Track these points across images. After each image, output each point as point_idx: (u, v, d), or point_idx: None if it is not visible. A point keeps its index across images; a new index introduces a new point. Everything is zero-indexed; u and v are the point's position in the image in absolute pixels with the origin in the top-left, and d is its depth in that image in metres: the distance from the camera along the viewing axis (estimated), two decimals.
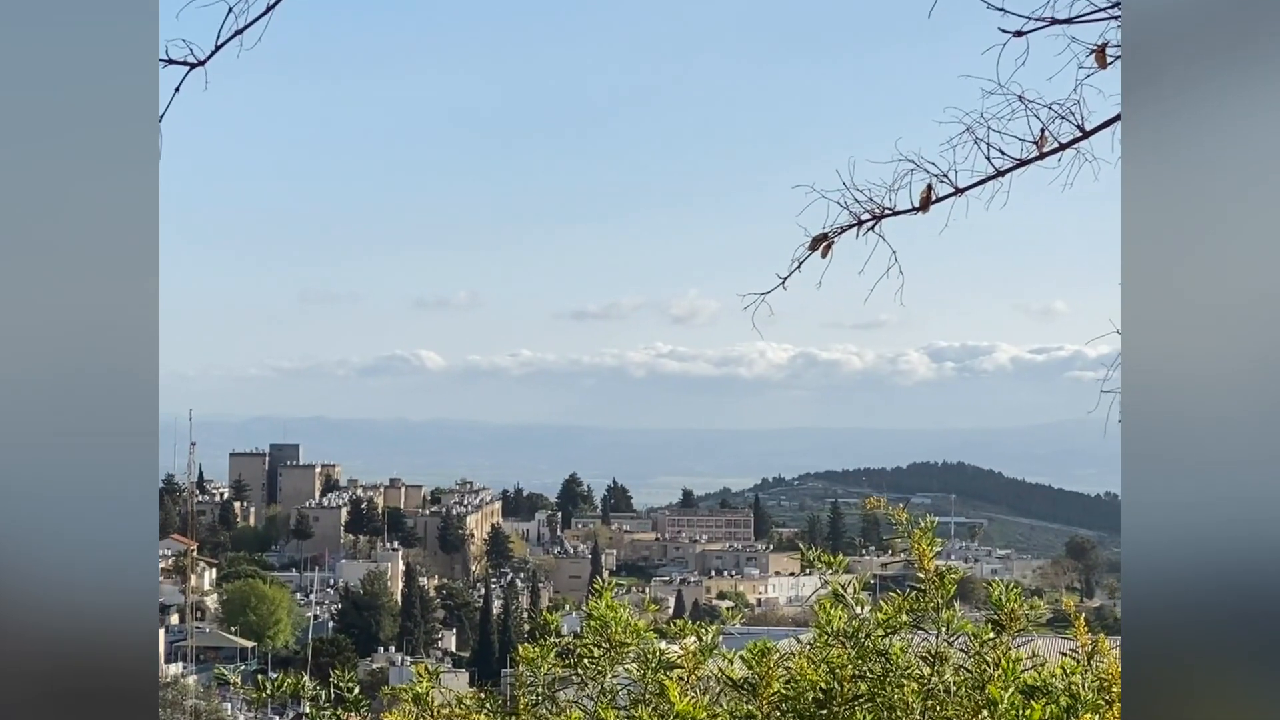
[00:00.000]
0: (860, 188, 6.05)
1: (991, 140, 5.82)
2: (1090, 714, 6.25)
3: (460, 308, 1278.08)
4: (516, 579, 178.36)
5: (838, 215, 6.06)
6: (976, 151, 5.85)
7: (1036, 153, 5.81)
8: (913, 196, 5.99)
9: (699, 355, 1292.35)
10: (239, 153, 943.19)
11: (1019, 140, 5.83)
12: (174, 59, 5.32)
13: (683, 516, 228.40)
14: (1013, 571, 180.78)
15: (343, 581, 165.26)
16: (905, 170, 5.96)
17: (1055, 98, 5.77)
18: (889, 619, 6.73)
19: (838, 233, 6.03)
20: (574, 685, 7.14)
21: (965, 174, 5.91)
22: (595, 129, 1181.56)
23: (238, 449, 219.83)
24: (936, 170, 5.93)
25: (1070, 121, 5.75)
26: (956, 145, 5.87)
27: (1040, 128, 5.78)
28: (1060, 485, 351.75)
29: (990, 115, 5.79)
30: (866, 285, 6.13)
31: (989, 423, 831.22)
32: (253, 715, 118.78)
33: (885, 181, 6.01)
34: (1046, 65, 5.69)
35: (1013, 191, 5.92)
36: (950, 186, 5.93)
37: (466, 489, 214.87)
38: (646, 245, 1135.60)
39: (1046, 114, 5.77)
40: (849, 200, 6.05)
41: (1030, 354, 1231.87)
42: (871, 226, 6.04)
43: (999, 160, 5.84)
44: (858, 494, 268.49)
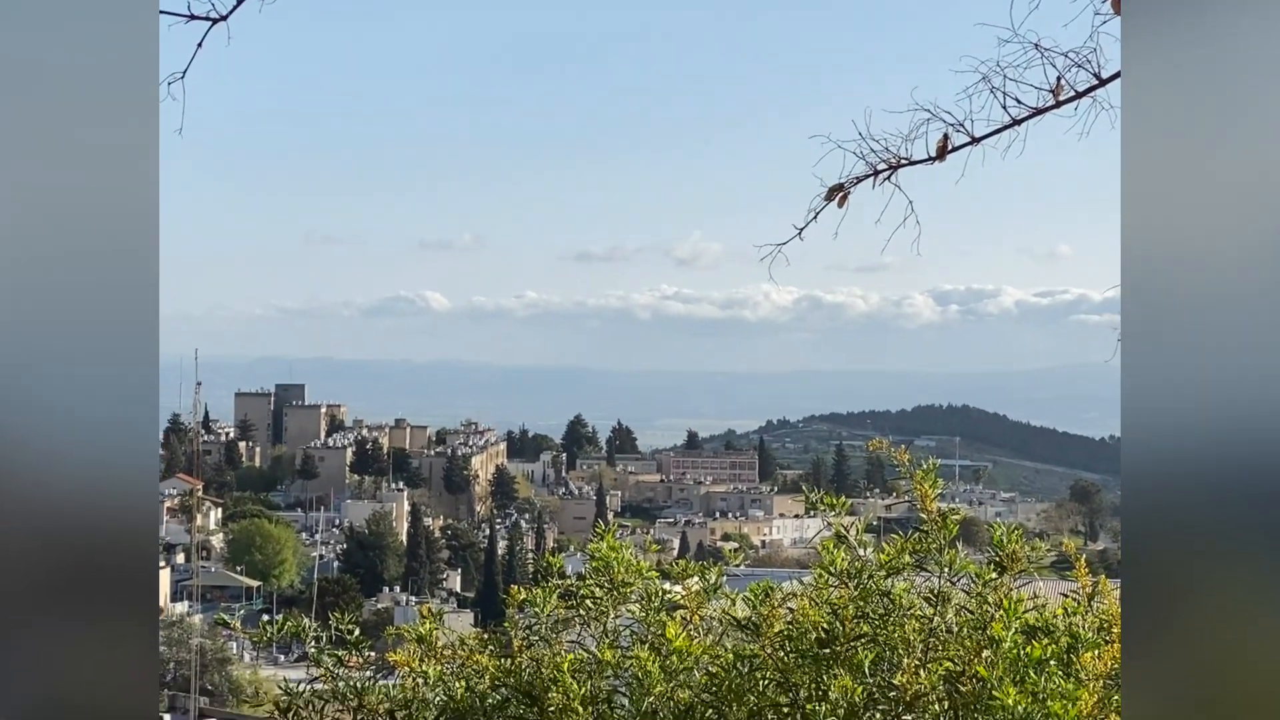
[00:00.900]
0: (876, 137, 6.03)
1: (1008, 89, 5.81)
2: (1090, 653, 6.27)
3: (464, 249, 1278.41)
4: (521, 520, 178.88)
5: (854, 165, 6.05)
6: (993, 100, 5.84)
7: (1053, 101, 5.79)
8: (929, 146, 5.98)
9: (703, 298, 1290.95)
10: (245, 95, 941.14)
11: (1035, 89, 5.81)
12: (196, 14, 5.31)
13: (687, 458, 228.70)
14: (1017, 514, 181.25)
15: (348, 521, 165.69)
16: (921, 120, 5.95)
17: (1071, 45, 5.74)
18: (891, 560, 6.75)
19: (854, 183, 6.03)
20: (576, 626, 7.17)
21: (981, 123, 5.90)
22: (602, 69, 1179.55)
23: (243, 389, 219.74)
24: (953, 119, 5.92)
25: (1087, 69, 5.74)
26: (973, 94, 5.87)
27: (1057, 76, 5.77)
28: (1065, 429, 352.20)
29: (1006, 64, 5.78)
30: (882, 233, 6.13)
31: (994, 366, 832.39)
32: (256, 654, 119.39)
33: (901, 131, 6.00)
34: (1062, 12, 5.65)
35: (1029, 140, 5.90)
36: (967, 136, 5.93)
37: (471, 430, 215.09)
38: (650, 188, 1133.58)
39: (1063, 62, 5.76)
40: (865, 150, 6.03)
41: (1035, 297, 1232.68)
42: (888, 176, 6.03)
43: (1015, 109, 5.84)
44: (862, 436, 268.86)
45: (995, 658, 6.22)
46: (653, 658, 6.48)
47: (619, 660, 6.68)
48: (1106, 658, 6.26)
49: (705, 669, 6.60)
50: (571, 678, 6.59)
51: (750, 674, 6.50)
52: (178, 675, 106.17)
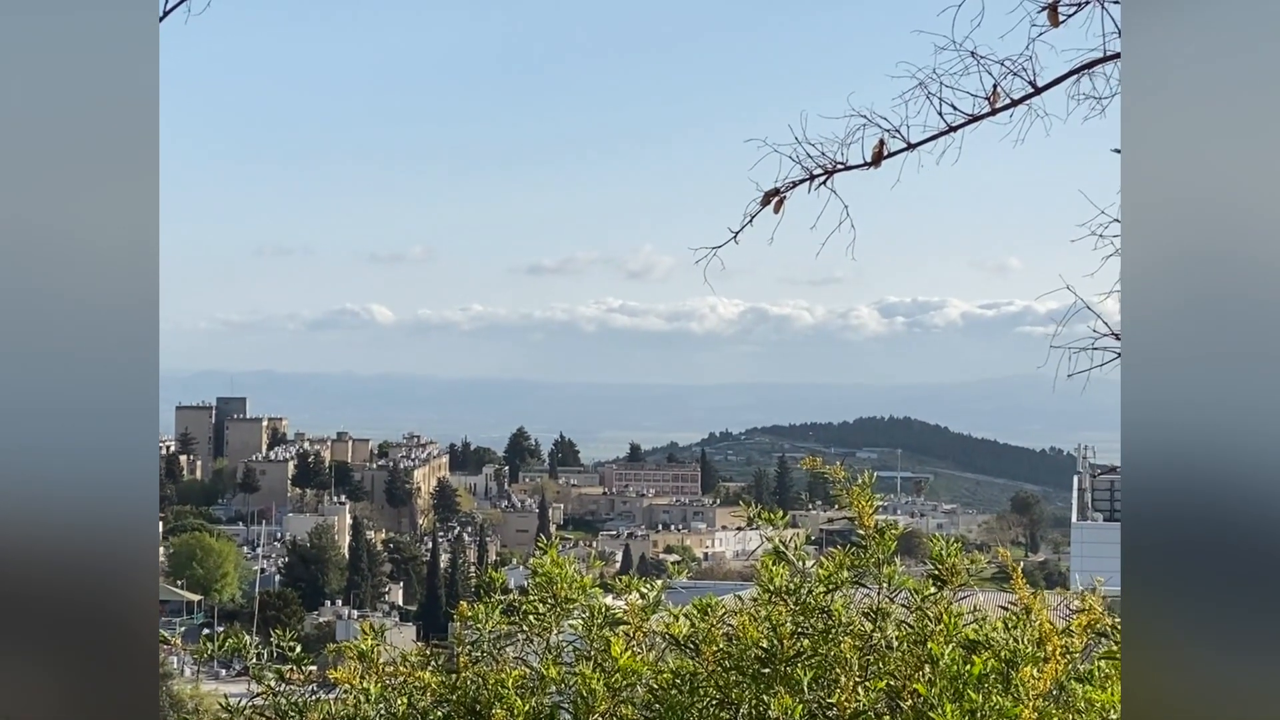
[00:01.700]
0: (812, 142, 6.05)
1: (944, 96, 5.84)
2: (1029, 666, 6.30)
3: (415, 262, 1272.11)
4: (464, 533, 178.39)
5: (790, 169, 6.07)
6: (929, 107, 5.87)
7: (989, 108, 5.83)
8: (865, 151, 6.00)
9: (650, 310, 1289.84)
10: (190, 101, 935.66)
11: (971, 96, 5.85)
12: None
13: (630, 471, 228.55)
14: (959, 526, 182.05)
15: (289, 535, 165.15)
16: (858, 125, 5.98)
17: (1008, 54, 5.78)
18: (830, 575, 6.76)
19: (790, 187, 6.05)
20: (519, 642, 7.17)
21: (917, 129, 5.94)
22: (554, 82, 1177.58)
23: (184, 402, 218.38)
24: (889, 125, 5.95)
25: (1022, 78, 5.79)
26: (909, 100, 5.90)
27: (993, 83, 5.81)
28: (1006, 440, 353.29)
29: (943, 71, 5.82)
30: (819, 240, 6.14)
31: (937, 378, 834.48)
32: (197, 669, 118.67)
33: (838, 136, 6.02)
34: (999, 23, 5.72)
35: (964, 147, 5.94)
36: (903, 141, 5.96)
37: (414, 443, 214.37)
38: (602, 200, 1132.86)
39: (999, 70, 5.81)
40: (801, 155, 6.05)
41: (980, 309, 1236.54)
42: (824, 181, 6.06)
43: (951, 115, 5.88)
44: (805, 449, 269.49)
45: (934, 674, 6.24)
46: (597, 675, 6.48)
47: (563, 677, 6.68)
48: (1048, 674, 6.29)
49: (648, 685, 6.62)
50: (516, 694, 6.59)
51: (691, 692, 6.52)
52: None
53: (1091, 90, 5.67)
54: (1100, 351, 5.98)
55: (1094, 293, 6.04)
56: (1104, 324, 6.03)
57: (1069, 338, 6.00)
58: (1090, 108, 5.76)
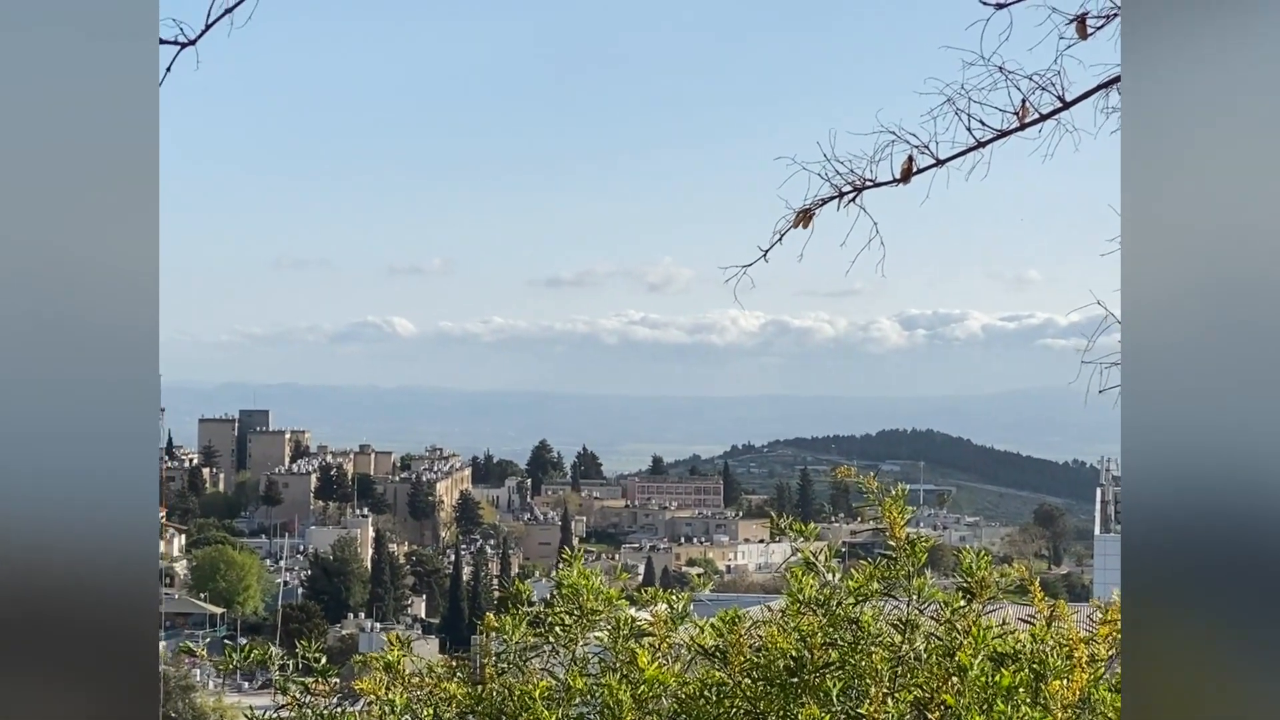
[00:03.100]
0: (841, 159, 6.04)
1: (972, 111, 5.83)
2: (1059, 680, 6.28)
3: (434, 274, 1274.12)
4: (486, 545, 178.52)
5: (819, 187, 6.06)
6: (957, 123, 5.86)
7: (1017, 123, 5.82)
8: (894, 168, 5.99)
9: (671, 322, 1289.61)
10: (213, 118, 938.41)
11: (1000, 111, 5.83)
12: (165, 39, 5.30)
13: (652, 483, 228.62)
14: (981, 539, 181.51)
15: (312, 548, 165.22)
16: (886, 142, 5.96)
17: (1036, 69, 5.77)
18: (860, 586, 6.76)
19: (819, 204, 6.04)
20: (544, 654, 7.17)
21: (946, 145, 5.91)
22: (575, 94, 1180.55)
23: (207, 415, 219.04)
24: (917, 141, 5.94)
25: (1051, 92, 5.77)
26: (937, 116, 5.88)
27: (1021, 98, 5.80)
28: (1028, 453, 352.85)
29: (971, 86, 5.80)
30: (847, 256, 6.13)
31: (959, 390, 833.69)
32: (221, 681, 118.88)
33: (866, 153, 6.01)
34: (1027, 36, 5.69)
35: (993, 162, 5.92)
36: (931, 158, 5.94)
37: (436, 455, 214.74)
38: (622, 213, 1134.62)
39: (1027, 85, 5.79)
40: (830, 172, 6.05)
41: (1002, 321, 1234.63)
42: (853, 198, 6.05)
43: (980, 131, 5.85)
44: (827, 461, 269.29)
45: (963, 686, 6.23)
46: (623, 686, 6.48)
47: (589, 688, 6.68)
48: (1075, 685, 6.28)
49: (674, 696, 6.61)
50: (542, 705, 6.58)
51: (719, 702, 6.51)
52: None
53: (1120, 104, 5.65)
54: None
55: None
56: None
57: (1099, 351, 5.96)
58: (1118, 121, 5.74)
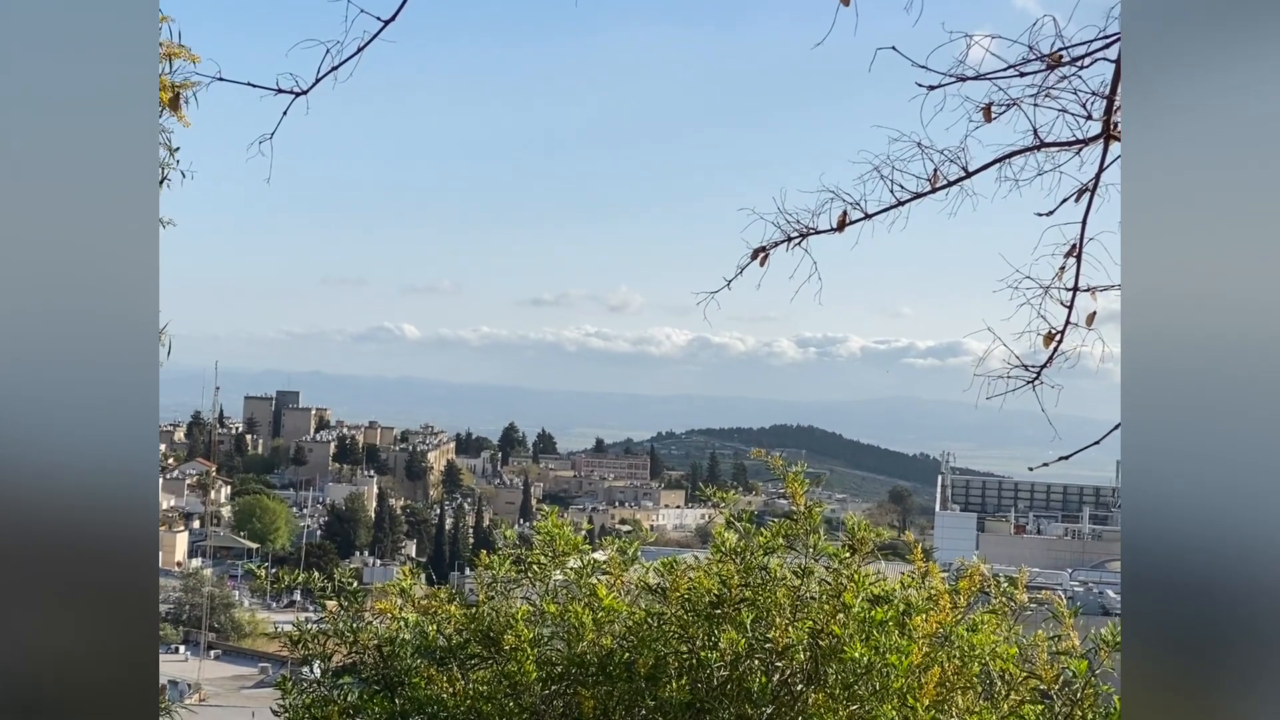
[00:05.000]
0: (790, 212, 6.08)
1: (895, 178, 5.86)
2: (920, 616, 6.34)
3: (445, 293, 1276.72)
4: (464, 503, 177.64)
5: (772, 232, 6.11)
6: (883, 186, 5.90)
7: (929, 188, 5.85)
8: (832, 219, 6.02)
9: (620, 335, 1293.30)
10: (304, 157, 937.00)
11: (916, 178, 5.86)
12: (282, 88, 5.25)
13: (595, 459, 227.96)
14: (848, 511, 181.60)
15: (329, 500, 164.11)
16: (826, 199, 5.99)
17: (946, 145, 5.81)
18: (769, 541, 6.79)
19: (772, 246, 6.07)
20: (523, 585, 7.16)
21: (874, 203, 5.94)
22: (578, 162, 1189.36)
23: (251, 394, 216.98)
24: (851, 199, 5.95)
25: (957, 164, 5.80)
26: (867, 180, 5.90)
27: (933, 168, 5.82)
28: (886, 446, 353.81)
29: (895, 157, 5.82)
30: (776, 289, 6.17)
31: (838, 396, 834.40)
32: (254, 600, 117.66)
33: (811, 207, 6.04)
34: (943, 118, 5.72)
35: (910, 218, 5.96)
36: (861, 213, 5.96)
37: (428, 431, 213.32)
38: (594, 248, 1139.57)
39: (939, 157, 5.81)
40: (781, 221, 6.08)
41: (875, 344, 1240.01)
42: (798, 242, 6.07)
43: (899, 193, 5.88)
44: (731, 447, 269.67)
45: (847, 620, 6.27)
46: (586, 612, 6.49)
47: (559, 612, 6.68)
48: (933, 621, 6.33)
49: (625, 621, 6.62)
50: (523, 624, 6.59)
51: (658, 627, 6.53)
52: (191, 616, 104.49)
53: (1011, 174, 5.72)
54: (1013, 379, 5.97)
55: (1009, 333, 6.02)
56: (1016, 357, 6.01)
57: (986, 369, 5.99)
58: (1009, 188, 5.79)
